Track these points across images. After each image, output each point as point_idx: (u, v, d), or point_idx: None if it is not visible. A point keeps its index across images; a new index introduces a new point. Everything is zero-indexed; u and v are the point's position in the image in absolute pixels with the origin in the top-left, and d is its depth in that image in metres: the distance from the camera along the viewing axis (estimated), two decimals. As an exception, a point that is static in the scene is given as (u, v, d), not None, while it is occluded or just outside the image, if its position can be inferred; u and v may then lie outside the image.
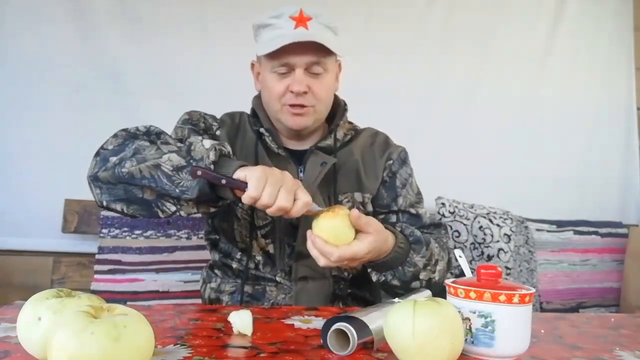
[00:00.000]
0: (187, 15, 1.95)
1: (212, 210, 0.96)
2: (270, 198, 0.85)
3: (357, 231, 0.90)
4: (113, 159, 0.95)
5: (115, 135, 1.02)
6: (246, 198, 0.86)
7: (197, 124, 1.14)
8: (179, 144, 0.98)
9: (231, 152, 0.95)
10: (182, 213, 0.94)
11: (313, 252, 0.90)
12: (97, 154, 1.00)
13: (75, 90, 1.85)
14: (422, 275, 1.05)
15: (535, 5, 2.28)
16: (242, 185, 0.86)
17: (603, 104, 2.33)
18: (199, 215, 1.69)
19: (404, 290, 1.05)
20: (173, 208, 0.94)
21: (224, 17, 1.97)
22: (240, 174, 0.88)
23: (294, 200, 0.87)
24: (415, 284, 1.06)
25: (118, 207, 0.98)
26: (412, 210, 1.18)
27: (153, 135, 1.02)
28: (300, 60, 1.07)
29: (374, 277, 1.04)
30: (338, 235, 0.88)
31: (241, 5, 1.96)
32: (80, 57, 1.85)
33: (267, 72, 1.11)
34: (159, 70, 1.91)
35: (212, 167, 0.88)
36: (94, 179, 0.98)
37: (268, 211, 0.87)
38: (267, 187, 0.85)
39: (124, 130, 1.03)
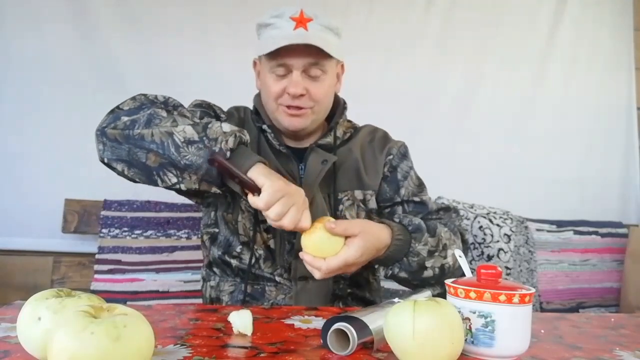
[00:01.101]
0: (187, 15, 1.95)
1: (214, 190, 0.95)
2: (278, 216, 0.86)
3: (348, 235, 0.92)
4: (125, 119, 0.95)
5: (133, 98, 1.02)
6: (253, 203, 0.87)
7: (207, 110, 1.15)
8: (195, 119, 0.98)
9: (249, 141, 0.95)
10: (182, 187, 0.94)
11: (308, 267, 0.92)
12: (112, 111, 1.00)
13: (75, 90, 1.85)
14: (430, 263, 1.05)
15: (535, 5, 2.28)
16: (255, 189, 0.86)
17: (603, 104, 2.33)
18: (199, 214, 1.69)
19: (417, 280, 1.06)
20: (174, 180, 0.93)
21: (223, 17, 1.97)
22: (257, 177, 0.88)
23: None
24: (427, 272, 1.05)
25: (119, 167, 0.97)
26: (416, 199, 1.18)
27: (170, 107, 1.02)
28: (297, 62, 1.07)
29: (382, 273, 1.05)
30: (321, 249, 0.90)
31: (241, 5, 1.96)
32: (80, 57, 1.86)
33: (266, 71, 1.11)
34: (159, 70, 1.91)
35: (228, 154, 0.89)
36: (101, 134, 0.97)
37: (270, 222, 0.89)
38: (278, 205, 0.86)
39: (143, 94, 1.04)
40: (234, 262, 1.15)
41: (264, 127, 1.16)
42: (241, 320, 0.74)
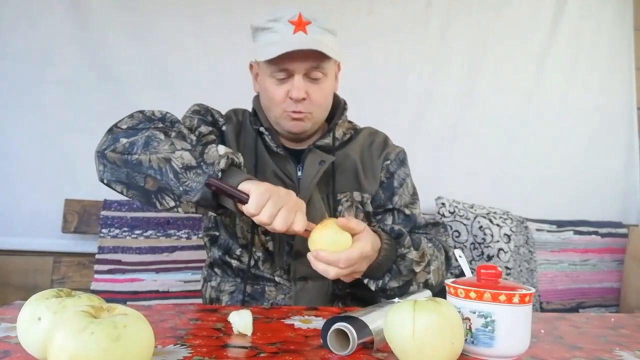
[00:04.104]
0: (186, 14, 1.95)
1: (211, 214, 0.96)
2: (269, 218, 0.85)
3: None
4: (123, 141, 0.96)
5: (131, 116, 1.03)
6: (246, 211, 0.87)
7: (205, 116, 1.15)
8: (192, 136, 1.00)
9: (242, 163, 0.95)
10: (180, 210, 0.94)
11: (319, 266, 0.87)
12: (110, 130, 1.00)
13: (75, 89, 1.85)
14: (418, 269, 1.04)
15: (535, 5, 2.28)
16: (245, 199, 0.87)
17: (603, 104, 2.33)
18: (199, 214, 1.69)
19: (404, 294, 1.05)
20: (172, 203, 0.94)
21: (223, 17, 1.97)
22: (245, 187, 0.88)
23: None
24: (413, 288, 1.05)
25: (118, 188, 0.98)
26: (407, 211, 1.18)
27: (168, 122, 1.03)
28: (299, 66, 1.07)
29: (372, 286, 1.02)
30: (335, 243, 0.88)
31: (241, 6, 1.96)
32: (80, 56, 1.85)
33: (266, 76, 1.11)
34: (159, 70, 1.91)
35: (219, 174, 0.89)
36: (100, 155, 0.98)
37: (267, 227, 0.88)
38: (267, 207, 0.85)
39: (140, 111, 1.04)
40: (234, 262, 1.16)
41: (261, 129, 1.16)
42: (241, 320, 0.74)
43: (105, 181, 0.99)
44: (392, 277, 1.02)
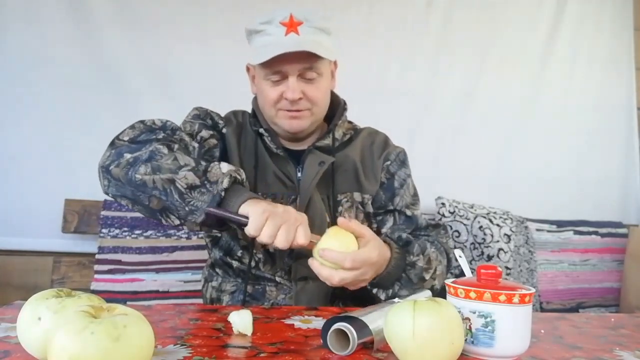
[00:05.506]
0: (186, 14, 1.95)
1: (214, 232, 0.97)
2: (269, 238, 0.86)
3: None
4: (127, 156, 0.96)
5: (132, 127, 1.03)
6: (247, 234, 0.88)
7: (205, 120, 1.15)
8: (194, 144, 1.02)
9: (245, 180, 0.95)
10: (186, 228, 0.96)
11: (324, 272, 0.88)
12: (112, 144, 1.00)
13: (75, 90, 1.85)
14: (427, 276, 1.05)
15: (535, 5, 2.28)
16: (245, 222, 0.88)
17: (603, 104, 2.33)
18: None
19: None
20: (177, 222, 0.95)
21: (223, 17, 1.97)
22: (244, 209, 0.88)
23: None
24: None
25: (123, 202, 0.99)
26: (408, 212, 1.18)
27: (169, 131, 1.03)
28: (292, 68, 1.07)
29: (382, 296, 1.03)
30: (343, 243, 0.89)
31: (241, 5, 1.96)
32: (80, 57, 1.86)
33: (261, 78, 1.11)
34: (159, 70, 1.91)
35: (222, 193, 0.89)
36: (105, 171, 0.98)
37: (269, 248, 0.89)
38: (267, 227, 0.85)
39: (141, 122, 1.04)
40: (235, 263, 1.16)
41: (261, 130, 1.16)
42: (241, 320, 0.74)
43: (110, 195, 1.00)
44: (402, 285, 1.03)
